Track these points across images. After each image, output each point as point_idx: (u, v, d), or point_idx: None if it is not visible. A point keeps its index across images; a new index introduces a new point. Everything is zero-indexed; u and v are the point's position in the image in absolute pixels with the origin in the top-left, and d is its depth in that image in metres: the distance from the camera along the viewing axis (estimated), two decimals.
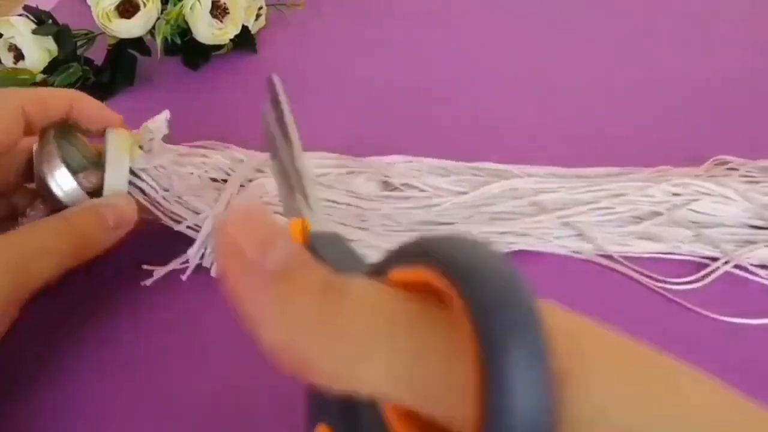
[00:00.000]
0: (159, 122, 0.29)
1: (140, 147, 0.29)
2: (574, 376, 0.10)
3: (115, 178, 0.27)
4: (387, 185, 0.34)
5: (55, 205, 0.26)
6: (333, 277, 0.11)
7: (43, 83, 0.42)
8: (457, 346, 0.10)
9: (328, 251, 0.15)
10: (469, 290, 0.10)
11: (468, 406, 0.09)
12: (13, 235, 0.23)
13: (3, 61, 0.42)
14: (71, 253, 0.24)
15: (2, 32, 0.41)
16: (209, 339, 0.27)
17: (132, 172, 0.28)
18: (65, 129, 0.28)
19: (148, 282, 0.29)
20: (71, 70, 0.42)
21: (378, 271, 0.12)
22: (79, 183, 0.26)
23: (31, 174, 0.27)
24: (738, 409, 0.11)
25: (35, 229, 0.24)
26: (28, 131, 0.26)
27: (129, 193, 0.28)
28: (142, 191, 0.29)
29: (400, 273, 0.11)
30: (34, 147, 0.27)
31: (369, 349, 0.10)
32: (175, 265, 0.29)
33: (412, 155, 0.36)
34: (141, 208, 0.28)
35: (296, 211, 0.18)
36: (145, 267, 0.29)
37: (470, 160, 0.36)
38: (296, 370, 0.11)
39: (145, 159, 0.28)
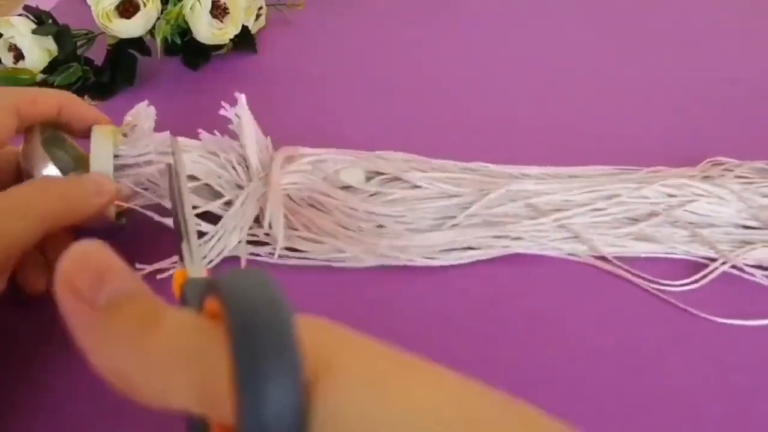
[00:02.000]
0: (139, 111, 0.30)
1: (124, 135, 0.29)
2: (320, 385, 0.11)
3: (100, 163, 0.27)
4: (380, 183, 0.34)
5: None
6: (152, 309, 0.13)
7: (43, 83, 0.42)
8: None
9: (193, 295, 0.16)
10: (230, 316, 0.11)
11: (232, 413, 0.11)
12: None
13: (3, 61, 0.42)
14: (50, 214, 0.24)
15: (2, 32, 0.41)
16: None
17: (117, 168, 0.28)
18: (52, 130, 0.28)
19: (141, 273, 0.29)
20: (71, 70, 0.42)
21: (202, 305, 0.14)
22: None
23: (20, 175, 0.28)
24: (467, 404, 0.12)
25: (11, 191, 0.24)
26: (21, 130, 0.27)
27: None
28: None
29: (210, 304, 0.13)
30: (21, 147, 0.28)
31: (173, 371, 0.12)
32: (166, 263, 0.29)
33: (411, 154, 0.36)
34: (127, 195, 0.29)
35: (182, 261, 0.20)
36: (138, 266, 0.29)
37: (468, 159, 0.36)
38: (121, 391, 0.12)
39: (129, 145, 0.29)
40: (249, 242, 0.30)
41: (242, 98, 0.33)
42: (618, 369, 0.26)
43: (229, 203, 0.31)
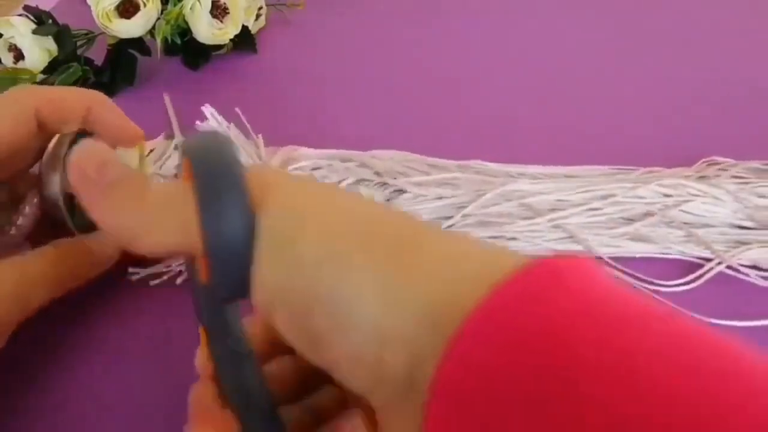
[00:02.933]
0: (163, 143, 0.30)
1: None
2: (263, 201, 0.15)
3: None
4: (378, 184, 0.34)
5: (51, 208, 0.26)
6: (142, 181, 0.17)
7: (44, 83, 0.42)
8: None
9: None
10: (192, 163, 0.15)
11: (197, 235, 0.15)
12: (18, 261, 0.23)
13: (3, 61, 0.42)
14: (60, 283, 0.25)
15: (2, 32, 0.41)
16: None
17: None
18: (81, 136, 0.26)
19: (134, 278, 0.29)
20: (71, 70, 0.42)
21: None
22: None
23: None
24: (368, 208, 0.16)
25: (35, 257, 0.24)
26: (43, 132, 0.25)
27: None
28: None
29: (184, 165, 0.17)
30: (48, 147, 0.26)
31: (161, 221, 0.16)
32: (159, 268, 0.29)
33: (406, 152, 0.36)
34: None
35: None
36: (131, 270, 0.29)
37: (467, 159, 0.36)
38: (126, 246, 0.17)
39: (155, 167, 0.29)
40: None
41: (210, 110, 0.35)
42: None
43: None
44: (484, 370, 0.11)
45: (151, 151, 0.30)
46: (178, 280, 0.29)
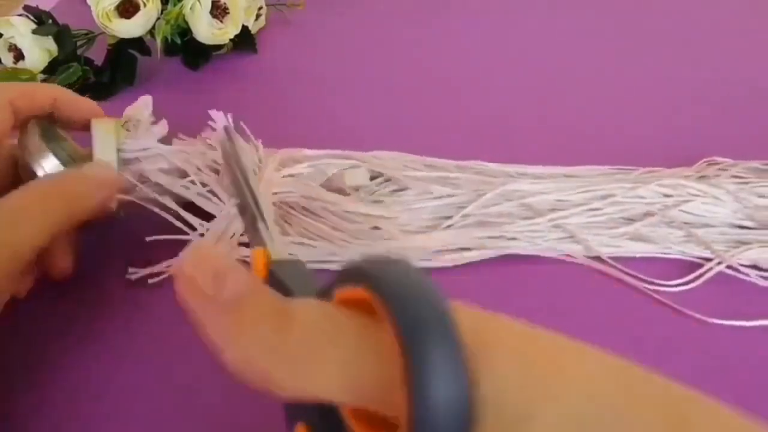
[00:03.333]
0: (140, 106, 0.30)
1: (126, 130, 0.29)
2: (478, 367, 0.12)
3: (104, 156, 0.28)
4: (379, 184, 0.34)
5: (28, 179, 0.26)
6: (281, 302, 0.13)
7: (43, 83, 0.42)
8: (388, 353, 0.12)
9: (288, 277, 0.17)
10: (393, 306, 0.12)
11: (400, 401, 0.11)
12: None
13: (3, 61, 0.42)
14: (55, 219, 0.24)
15: (2, 32, 0.41)
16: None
17: (120, 162, 0.28)
18: (48, 124, 0.28)
19: (133, 277, 0.29)
20: (71, 70, 0.42)
21: (328, 291, 0.14)
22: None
23: (16, 173, 0.28)
24: (617, 375, 0.13)
25: (11, 199, 0.23)
26: (17, 125, 0.27)
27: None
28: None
29: (342, 292, 0.14)
30: (18, 140, 0.27)
31: (316, 364, 0.12)
32: (159, 267, 0.29)
33: (406, 153, 0.36)
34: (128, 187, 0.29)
35: (260, 241, 0.20)
36: (130, 270, 0.29)
37: (467, 159, 0.36)
38: (257, 385, 0.13)
39: (132, 139, 0.29)
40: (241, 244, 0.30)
41: (219, 115, 0.33)
42: None
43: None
44: None
45: (126, 122, 0.30)
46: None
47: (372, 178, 0.34)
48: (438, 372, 0.11)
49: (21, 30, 0.41)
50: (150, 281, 0.28)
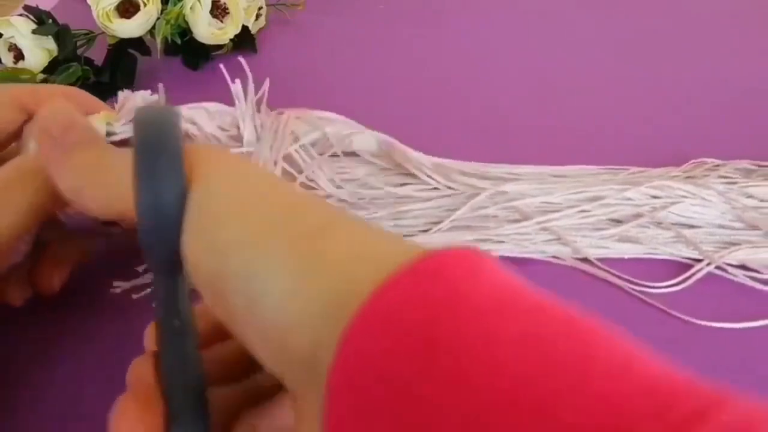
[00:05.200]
0: (129, 93, 0.30)
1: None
2: (194, 177, 0.16)
3: None
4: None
5: None
6: (101, 148, 0.18)
7: (44, 83, 0.42)
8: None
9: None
10: (136, 127, 0.16)
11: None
12: None
13: (3, 61, 0.42)
14: (39, 195, 0.22)
15: (2, 32, 0.41)
16: None
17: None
18: None
19: (118, 290, 0.28)
20: (71, 70, 0.42)
21: None
22: None
23: None
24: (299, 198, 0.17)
25: None
26: (24, 116, 0.27)
27: None
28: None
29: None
30: (22, 137, 0.27)
31: (113, 184, 0.17)
32: (144, 280, 0.28)
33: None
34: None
35: None
36: (115, 284, 0.28)
37: (466, 159, 0.36)
38: (82, 208, 0.18)
39: (120, 121, 0.29)
40: None
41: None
42: None
43: None
44: (368, 359, 0.12)
45: (121, 109, 0.30)
46: None
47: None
48: (154, 174, 0.15)
49: (21, 30, 0.41)
50: (134, 296, 0.28)
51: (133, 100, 0.29)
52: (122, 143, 0.28)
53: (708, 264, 0.30)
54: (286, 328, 0.14)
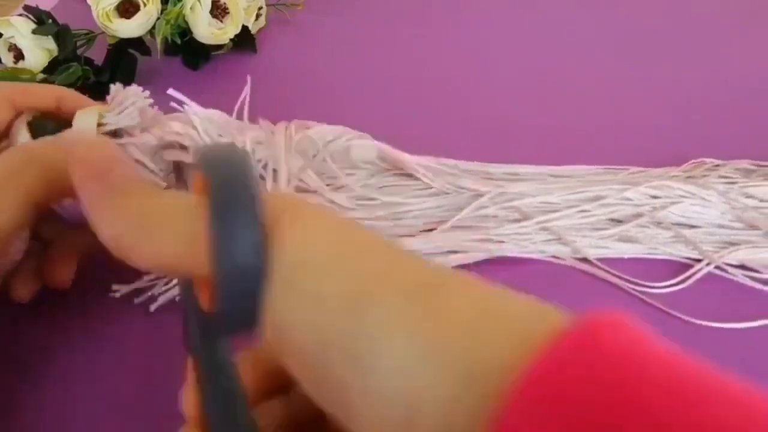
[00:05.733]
0: (119, 86, 0.29)
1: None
2: (278, 228, 0.14)
3: (83, 125, 0.27)
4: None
5: None
6: (151, 191, 0.16)
7: (44, 83, 0.42)
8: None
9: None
10: (207, 173, 0.15)
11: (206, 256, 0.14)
12: None
13: (3, 61, 0.42)
14: (35, 186, 0.22)
15: (2, 32, 0.41)
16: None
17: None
18: (43, 120, 0.28)
19: (117, 294, 0.28)
20: (71, 70, 0.42)
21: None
22: None
23: None
24: (397, 255, 0.15)
25: None
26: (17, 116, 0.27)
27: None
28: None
29: (195, 180, 0.16)
30: (9, 135, 0.27)
31: (165, 232, 0.15)
32: (143, 283, 0.28)
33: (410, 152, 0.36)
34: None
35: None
36: (114, 287, 0.28)
37: (466, 159, 0.36)
38: (124, 257, 0.15)
39: (113, 116, 0.27)
40: None
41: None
42: None
43: None
44: None
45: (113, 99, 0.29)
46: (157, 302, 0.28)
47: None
48: (231, 230, 0.13)
49: (21, 30, 0.41)
50: (136, 300, 0.28)
51: (123, 93, 0.29)
52: (114, 134, 0.28)
53: (708, 264, 0.30)
54: (414, 398, 0.12)
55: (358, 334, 0.12)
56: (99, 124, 0.27)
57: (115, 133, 0.28)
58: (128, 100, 0.28)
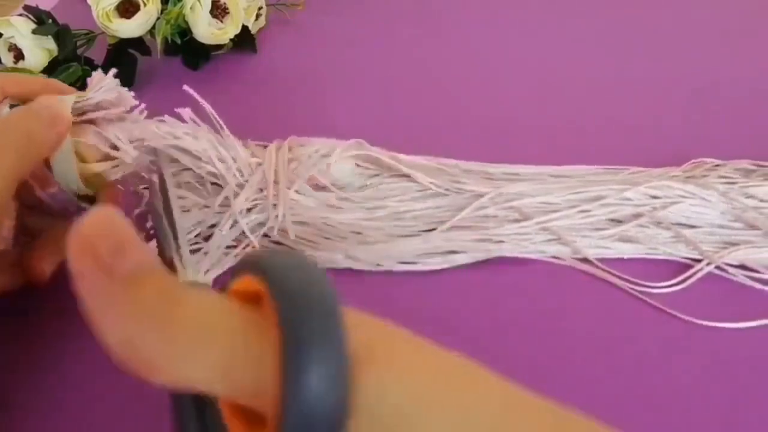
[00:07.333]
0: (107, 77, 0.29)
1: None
2: (362, 374, 0.12)
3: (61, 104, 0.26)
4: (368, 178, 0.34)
5: None
6: (174, 285, 0.12)
7: None
8: (269, 345, 0.12)
9: None
10: (279, 299, 0.12)
11: (272, 396, 0.11)
12: None
13: (3, 61, 0.42)
14: (13, 156, 0.22)
15: (2, 32, 0.41)
16: None
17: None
18: (24, 104, 0.28)
19: None
20: (71, 70, 0.42)
21: (226, 285, 0.14)
22: None
23: None
24: (513, 403, 0.13)
25: None
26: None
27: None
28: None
29: (235, 284, 0.13)
30: None
31: (195, 350, 0.12)
32: None
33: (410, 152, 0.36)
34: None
35: (168, 258, 0.20)
36: None
37: (466, 159, 0.36)
38: (133, 369, 0.12)
39: (93, 92, 0.27)
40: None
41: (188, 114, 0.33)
42: (600, 371, 0.26)
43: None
44: None
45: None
46: None
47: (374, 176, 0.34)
48: (310, 375, 0.11)
49: (21, 30, 0.41)
50: None
51: (100, 76, 0.29)
52: (96, 107, 0.27)
53: (708, 264, 0.30)
54: None
55: None
56: (78, 102, 0.27)
57: (99, 105, 0.28)
58: (105, 81, 0.28)
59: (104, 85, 0.28)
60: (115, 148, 0.27)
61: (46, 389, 0.25)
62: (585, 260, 0.31)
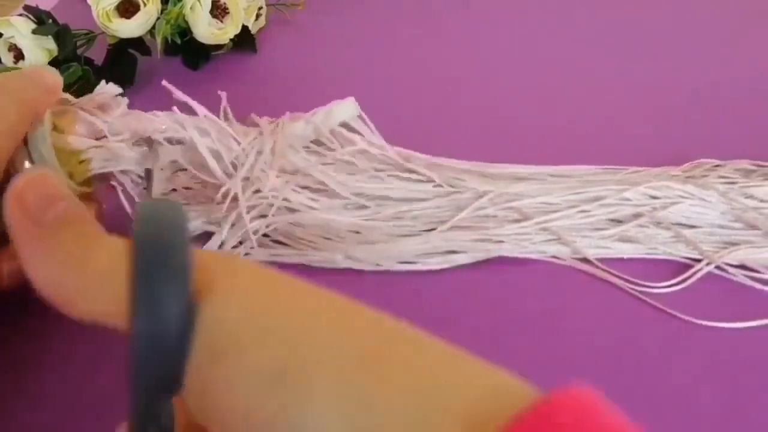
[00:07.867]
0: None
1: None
2: (203, 301, 0.13)
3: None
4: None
5: None
6: (91, 231, 0.14)
7: None
8: None
9: None
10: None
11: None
12: None
13: (3, 61, 0.42)
14: (20, 117, 0.23)
15: (2, 32, 0.41)
16: None
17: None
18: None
19: None
20: (71, 70, 0.42)
21: None
22: None
23: None
24: (340, 319, 0.14)
25: None
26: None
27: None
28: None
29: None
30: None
31: (103, 287, 0.14)
32: None
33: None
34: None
35: None
36: None
37: (467, 159, 0.36)
38: (56, 304, 0.14)
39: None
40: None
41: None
42: (600, 371, 0.26)
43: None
44: None
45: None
46: None
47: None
48: (154, 296, 0.12)
49: (21, 30, 0.41)
50: None
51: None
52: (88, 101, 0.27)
53: (708, 264, 0.30)
54: None
55: (285, 413, 0.12)
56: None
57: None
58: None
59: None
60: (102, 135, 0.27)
61: (37, 388, 0.25)
62: (585, 260, 0.31)
